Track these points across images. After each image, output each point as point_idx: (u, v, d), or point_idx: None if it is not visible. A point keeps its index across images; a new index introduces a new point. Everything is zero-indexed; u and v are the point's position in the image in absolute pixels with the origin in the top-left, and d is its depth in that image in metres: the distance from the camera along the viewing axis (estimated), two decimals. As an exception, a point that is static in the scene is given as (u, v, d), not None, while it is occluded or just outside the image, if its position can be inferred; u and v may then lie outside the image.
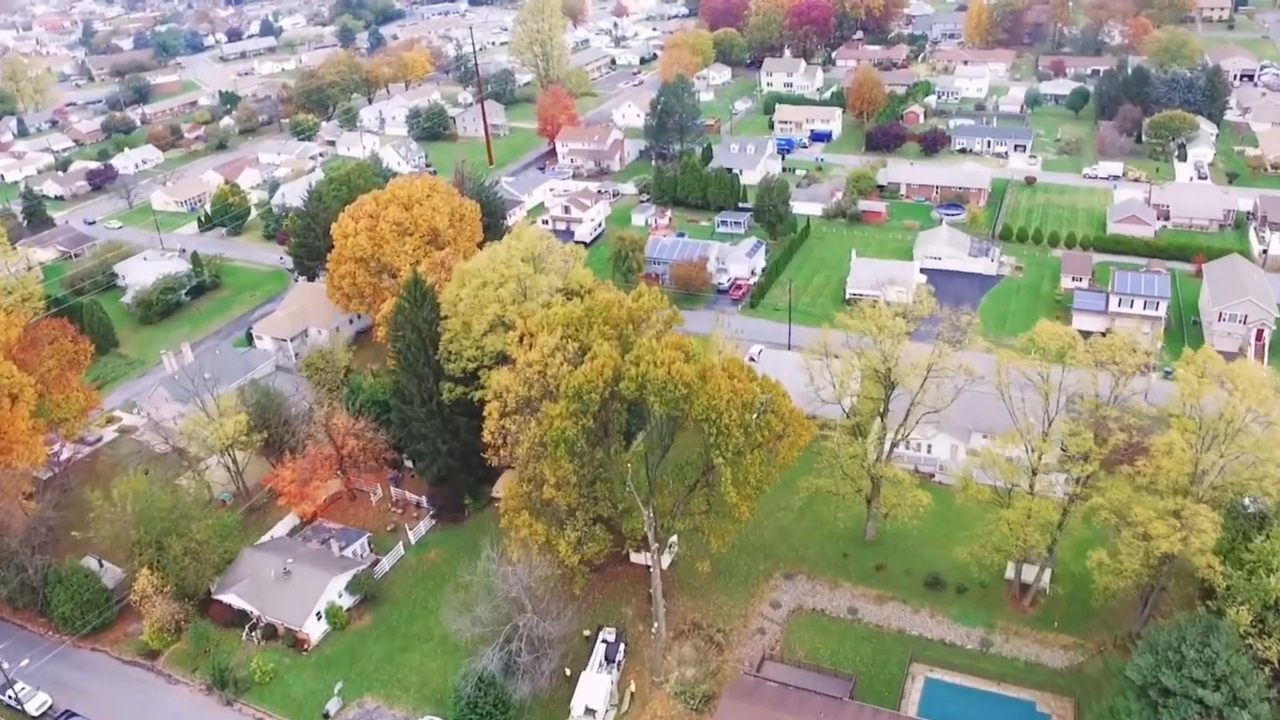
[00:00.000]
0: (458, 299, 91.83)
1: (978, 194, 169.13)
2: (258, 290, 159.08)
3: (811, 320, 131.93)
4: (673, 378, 71.04)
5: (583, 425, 72.95)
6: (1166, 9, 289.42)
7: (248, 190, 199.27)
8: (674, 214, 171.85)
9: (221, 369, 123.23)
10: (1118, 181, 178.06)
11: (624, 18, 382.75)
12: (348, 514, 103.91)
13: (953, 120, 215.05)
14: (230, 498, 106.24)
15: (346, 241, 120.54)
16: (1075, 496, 73.81)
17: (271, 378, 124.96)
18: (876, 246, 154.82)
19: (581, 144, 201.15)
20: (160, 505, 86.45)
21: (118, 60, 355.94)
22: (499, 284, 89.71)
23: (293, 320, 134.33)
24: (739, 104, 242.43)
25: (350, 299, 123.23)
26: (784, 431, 75.17)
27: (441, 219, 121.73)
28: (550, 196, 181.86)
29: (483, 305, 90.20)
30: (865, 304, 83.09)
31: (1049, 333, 77.75)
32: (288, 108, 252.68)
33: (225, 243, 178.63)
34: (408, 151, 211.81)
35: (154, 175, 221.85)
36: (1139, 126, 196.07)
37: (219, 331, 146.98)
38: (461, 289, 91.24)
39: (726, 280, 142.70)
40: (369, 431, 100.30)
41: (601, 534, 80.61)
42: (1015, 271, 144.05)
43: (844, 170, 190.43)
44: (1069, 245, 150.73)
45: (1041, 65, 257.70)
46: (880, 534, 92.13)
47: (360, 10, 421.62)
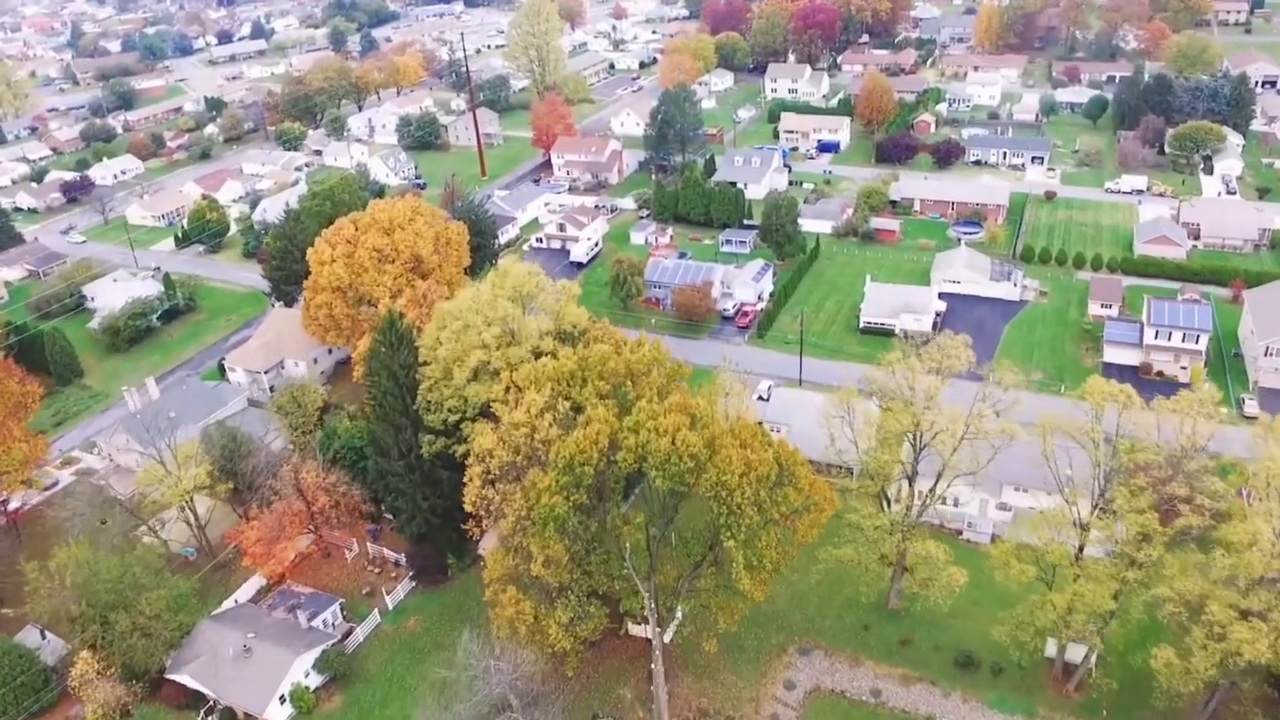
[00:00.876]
0: (437, 343, 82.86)
1: (996, 210, 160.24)
2: (234, 314, 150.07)
3: (824, 352, 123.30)
4: (677, 449, 62.18)
5: (574, 501, 64.06)
6: (1182, 12, 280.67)
7: (228, 204, 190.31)
8: (675, 232, 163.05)
9: (188, 406, 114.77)
10: (1142, 196, 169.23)
11: (623, 20, 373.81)
12: (320, 573, 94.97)
13: (965, 130, 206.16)
14: (193, 553, 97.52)
15: (322, 269, 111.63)
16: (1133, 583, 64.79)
17: (242, 415, 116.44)
18: (890, 268, 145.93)
19: (578, 155, 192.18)
20: (106, 576, 77.57)
21: (103, 63, 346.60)
22: (483, 328, 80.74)
23: (267, 351, 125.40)
24: (742, 112, 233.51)
25: (327, 331, 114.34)
26: (804, 505, 66.20)
27: (425, 245, 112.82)
28: (545, 212, 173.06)
29: (465, 351, 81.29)
30: (894, 357, 73.84)
31: (1102, 390, 68.74)
32: (273, 115, 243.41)
33: (202, 261, 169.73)
34: (396, 163, 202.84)
35: (133, 186, 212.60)
36: (1161, 137, 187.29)
37: (191, 360, 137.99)
38: (441, 332, 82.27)
39: (732, 306, 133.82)
40: (343, 485, 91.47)
41: (597, 610, 71.80)
42: (1039, 296, 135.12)
43: (853, 183, 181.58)
44: (1095, 267, 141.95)
45: (1055, 71, 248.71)
46: (905, 602, 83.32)
47: (353, 12, 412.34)
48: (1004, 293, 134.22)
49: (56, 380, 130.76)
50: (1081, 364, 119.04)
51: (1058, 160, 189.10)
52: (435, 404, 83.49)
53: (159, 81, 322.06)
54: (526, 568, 69.80)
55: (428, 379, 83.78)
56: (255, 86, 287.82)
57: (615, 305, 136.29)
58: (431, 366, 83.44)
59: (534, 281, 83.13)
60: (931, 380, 69.90)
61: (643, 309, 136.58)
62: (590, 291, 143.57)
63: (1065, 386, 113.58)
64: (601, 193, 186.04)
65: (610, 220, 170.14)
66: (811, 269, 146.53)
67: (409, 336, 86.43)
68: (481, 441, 70.52)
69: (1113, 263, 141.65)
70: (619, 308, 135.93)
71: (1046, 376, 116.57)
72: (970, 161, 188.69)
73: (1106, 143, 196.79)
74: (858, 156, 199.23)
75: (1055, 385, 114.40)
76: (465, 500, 71.29)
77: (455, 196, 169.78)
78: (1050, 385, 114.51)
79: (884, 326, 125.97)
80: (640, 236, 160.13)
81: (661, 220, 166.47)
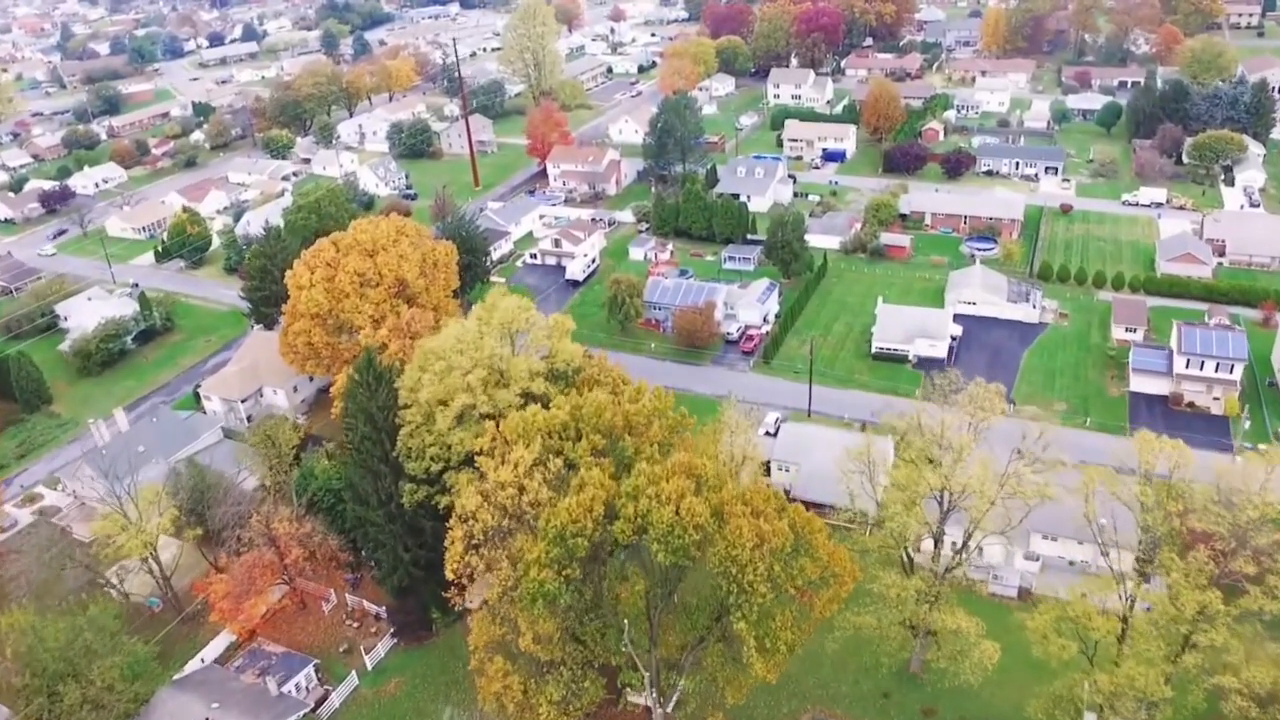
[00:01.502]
0: (418, 384, 76.01)
1: (1010, 225, 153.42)
2: (214, 334, 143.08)
3: (834, 380, 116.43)
4: (681, 519, 55.39)
5: (566, 575, 57.26)
6: (1193, 15, 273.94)
7: (212, 216, 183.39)
8: (676, 247, 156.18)
9: (158, 440, 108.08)
10: (1161, 210, 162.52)
11: (621, 22, 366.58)
12: (294, 627, 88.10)
13: (975, 138, 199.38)
14: (158, 604, 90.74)
15: (301, 295, 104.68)
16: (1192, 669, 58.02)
17: (216, 448, 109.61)
18: (901, 287, 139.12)
19: (575, 165, 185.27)
20: (52, 644, 70.70)
21: (90, 66, 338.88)
22: (468, 369, 73.87)
23: (244, 378, 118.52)
24: (744, 119, 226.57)
25: (305, 360, 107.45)
26: (823, 578, 59.41)
27: (410, 268, 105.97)
28: (540, 226, 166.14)
29: (448, 394, 74.47)
30: (922, 415, 66.95)
31: (1151, 446, 61.99)
32: (261, 122, 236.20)
33: (182, 277, 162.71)
34: (386, 172, 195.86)
35: (115, 196, 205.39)
36: (1178, 146, 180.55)
37: (166, 385, 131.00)
38: (422, 374, 75.41)
39: (736, 329, 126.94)
40: (318, 535, 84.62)
41: (593, 683, 64.96)
42: (1059, 319, 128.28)
43: (860, 195, 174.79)
44: (1116, 287, 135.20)
45: (1065, 76, 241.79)
46: (928, 667, 76.48)
47: (347, 14, 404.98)
48: (1022, 315, 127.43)
49: (23, 407, 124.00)
50: (1107, 393, 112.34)
51: (1071, 170, 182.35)
52: (416, 451, 76.74)
53: (146, 86, 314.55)
54: (514, 638, 63.26)
55: (408, 423, 77.00)
56: (243, 91, 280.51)
57: (613, 328, 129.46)
58: (412, 410, 76.65)
59: (524, 317, 76.21)
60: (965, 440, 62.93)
61: (642, 331, 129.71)
62: (587, 312, 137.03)
63: (1091, 419, 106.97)
64: (599, 204, 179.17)
65: (608, 235, 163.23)
66: (819, 288, 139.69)
67: (388, 376, 79.65)
68: (464, 502, 63.66)
69: (1135, 282, 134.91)
70: (616, 330, 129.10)
71: (1070, 407, 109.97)
72: (981, 171, 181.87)
73: (1122, 152, 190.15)
74: (864, 166, 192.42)
75: (1080, 417, 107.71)
76: (447, 565, 64.36)
77: (446, 209, 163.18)
78: (1074, 417, 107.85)
79: (897, 352, 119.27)
80: (639, 252, 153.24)
81: (661, 235, 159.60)
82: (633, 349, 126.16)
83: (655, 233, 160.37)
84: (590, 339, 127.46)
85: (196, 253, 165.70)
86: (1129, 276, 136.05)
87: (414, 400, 76.22)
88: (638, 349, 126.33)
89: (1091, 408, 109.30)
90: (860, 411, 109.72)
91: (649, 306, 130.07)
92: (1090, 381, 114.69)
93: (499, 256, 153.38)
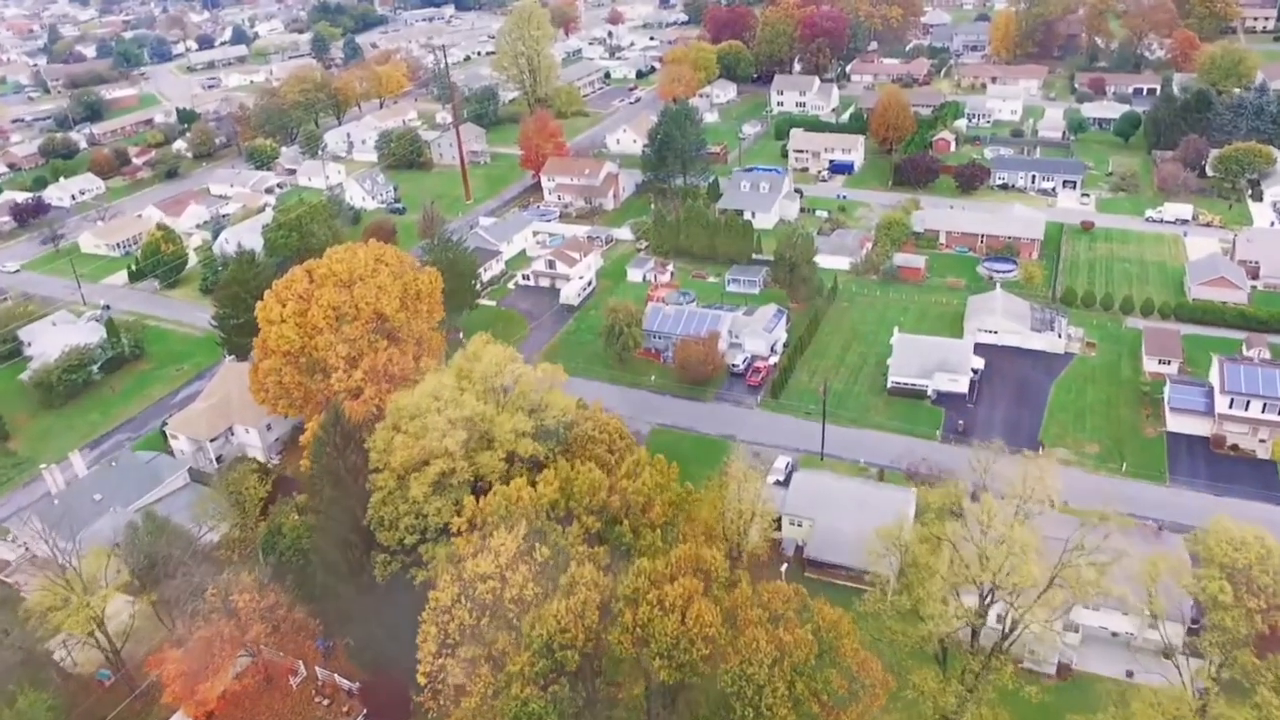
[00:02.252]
0: (390, 445, 67.77)
1: (1030, 245, 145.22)
2: (187, 362, 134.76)
3: (847, 418, 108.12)
4: (688, 629, 47.26)
5: (553, 692, 49.07)
6: (1208, 19, 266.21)
7: (190, 231, 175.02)
8: (677, 267, 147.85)
9: (118, 486, 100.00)
10: (1187, 227, 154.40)
11: (619, 25, 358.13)
12: (258, 706, 79.50)
13: (988, 149, 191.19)
14: (110, 676, 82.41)
15: (271, 330, 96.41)
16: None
17: (182, 493, 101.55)
18: (917, 313, 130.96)
19: (570, 178, 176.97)
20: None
21: (73, 70, 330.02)
22: (446, 430, 65.62)
23: (213, 415, 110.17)
24: (747, 127, 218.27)
25: (276, 400, 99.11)
26: (851, 692, 51.27)
27: (390, 300, 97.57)
28: (533, 243, 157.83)
29: (424, 458, 66.20)
30: (971, 509, 58.61)
31: (1229, 536, 53.81)
32: (245, 130, 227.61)
33: (157, 298, 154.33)
34: (374, 185, 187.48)
35: (93, 208, 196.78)
36: (1201, 159, 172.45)
37: (134, 420, 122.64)
38: (395, 435, 67.17)
39: (742, 360, 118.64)
40: (283, 608, 76.35)
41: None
42: (1087, 349, 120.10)
43: (870, 210, 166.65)
44: (1145, 313, 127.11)
45: (1079, 83, 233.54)
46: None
47: (339, 17, 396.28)
48: (1047, 345, 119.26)
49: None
50: (1141, 433, 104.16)
51: (1090, 184, 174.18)
52: (389, 520, 68.54)
53: (130, 91, 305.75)
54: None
55: (379, 489, 68.78)
56: (229, 97, 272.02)
57: (610, 358, 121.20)
58: (384, 475, 68.40)
59: (509, 370, 67.94)
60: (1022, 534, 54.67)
61: (641, 362, 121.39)
62: (583, 340, 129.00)
63: (1127, 464, 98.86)
64: (595, 220, 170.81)
65: (605, 253, 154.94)
66: (829, 313, 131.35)
67: (357, 434, 71.47)
68: (439, 594, 55.44)
69: (1165, 308, 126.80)
70: (614, 361, 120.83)
71: (1103, 450, 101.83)
72: (996, 185, 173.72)
73: (1141, 164, 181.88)
74: (873, 178, 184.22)
75: (1114, 462, 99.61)
76: (419, 670, 56.15)
77: (434, 224, 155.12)
78: (1108, 462, 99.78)
79: (915, 388, 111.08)
80: (638, 273, 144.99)
81: (661, 254, 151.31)
82: (631, 382, 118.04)
83: (655, 252, 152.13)
84: (586, 370, 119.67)
85: (172, 272, 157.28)
86: (1158, 302, 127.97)
87: (386, 464, 67.93)
88: (636, 382, 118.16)
89: (1126, 450, 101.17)
90: (877, 454, 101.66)
91: (649, 335, 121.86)
92: (1123, 420, 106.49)
93: (490, 278, 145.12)
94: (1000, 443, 66.31)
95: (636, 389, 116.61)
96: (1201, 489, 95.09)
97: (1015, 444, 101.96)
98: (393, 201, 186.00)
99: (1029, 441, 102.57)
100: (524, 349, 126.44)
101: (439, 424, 66.07)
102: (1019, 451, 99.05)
